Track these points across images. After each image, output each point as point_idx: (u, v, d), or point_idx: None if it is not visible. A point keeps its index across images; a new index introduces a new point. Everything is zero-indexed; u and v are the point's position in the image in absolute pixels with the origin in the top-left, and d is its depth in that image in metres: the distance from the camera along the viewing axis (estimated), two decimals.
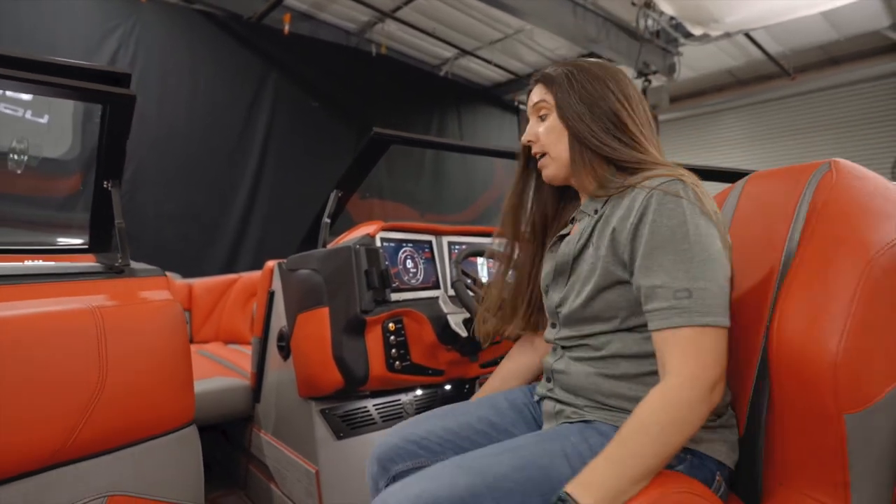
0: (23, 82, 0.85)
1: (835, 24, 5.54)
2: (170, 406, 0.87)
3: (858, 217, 0.70)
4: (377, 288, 1.31)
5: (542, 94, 0.90)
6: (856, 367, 0.64)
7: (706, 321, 0.68)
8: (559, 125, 0.87)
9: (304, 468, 1.49)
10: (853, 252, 0.67)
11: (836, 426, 0.65)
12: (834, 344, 0.65)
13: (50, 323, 0.76)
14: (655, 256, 0.72)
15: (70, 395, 0.76)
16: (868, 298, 0.65)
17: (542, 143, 0.89)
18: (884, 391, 0.64)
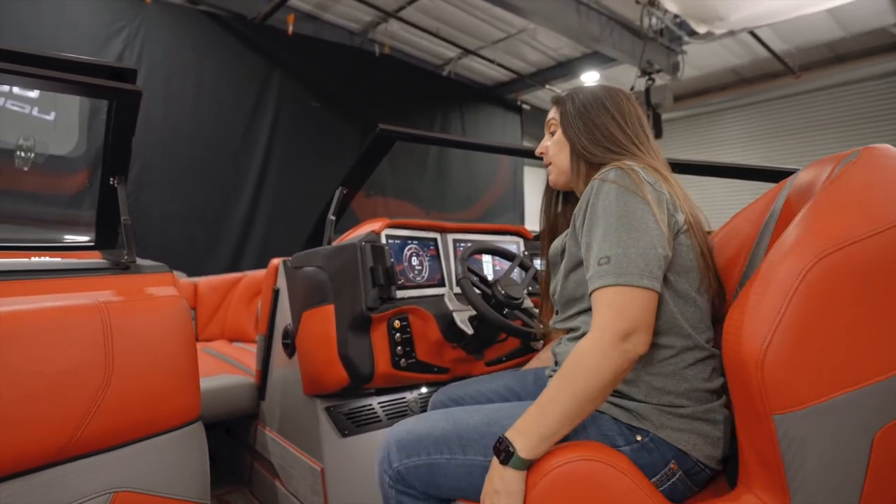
0: (29, 77, 0.85)
1: (841, 21, 5.50)
2: (176, 402, 0.87)
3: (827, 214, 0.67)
4: (382, 285, 1.31)
5: (553, 113, 1.05)
6: (782, 367, 0.63)
7: (619, 281, 0.76)
8: (563, 139, 1.02)
9: (309, 466, 1.49)
10: (801, 252, 0.65)
11: (767, 426, 0.65)
12: (759, 343, 0.64)
13: (55, 318, 0.76)
14: (590, 232, 0.84)
15: (75, 391, 0.75)
16: (802, 301, 0.63)
17: (550, 154, 1.05)
18: (821, 397, 0.62)
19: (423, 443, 0.87)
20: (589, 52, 6.08)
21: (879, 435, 0.62)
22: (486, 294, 1.32)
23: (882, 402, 0.61)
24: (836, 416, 0.62)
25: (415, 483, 0.87)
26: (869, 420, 0.62)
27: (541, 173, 8.46)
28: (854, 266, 0.63)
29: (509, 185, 7.05)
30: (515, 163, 7.11)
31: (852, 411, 0.62)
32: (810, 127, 6.73)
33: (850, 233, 0.63)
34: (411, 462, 0.86)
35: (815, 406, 0.62)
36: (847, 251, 0.62)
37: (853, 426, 0.62)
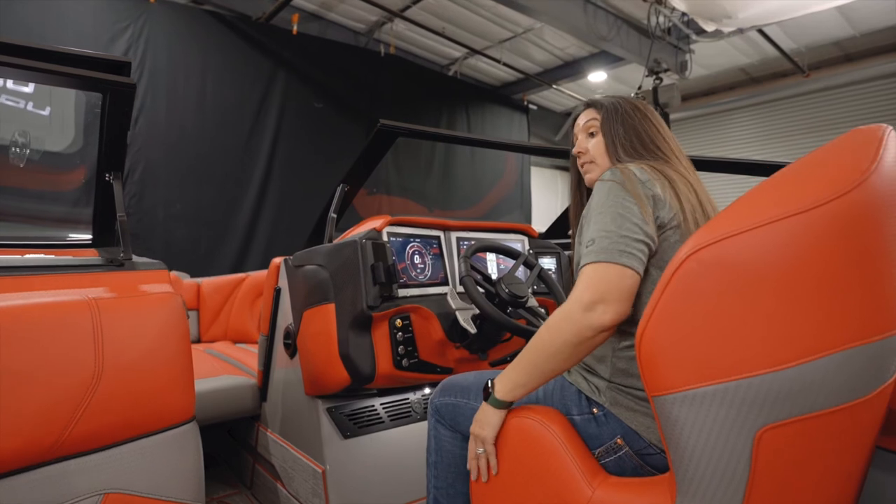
0: (20, 69, 0.83)
1: (850, 19, 5.43)
2: (169, 401, 0.85)
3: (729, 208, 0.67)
4: (384, 283, 1.28)
5: (593, 114, 1.12)
6: (655, 352, 0.68)
7: (599, 258, 0.83)
8: (602, 140, 1.09)
9: (310, 468, 1.47)
10: (686, 244, 0.67)
11: (652, 406, 0.70)
12: (640, 328, 0.69)
13: (43, 314, 0.74)
14: (587, 226, 0.90)
15: (64, 390, 0.73)
16: (673, 290, 0.66)
17: (591, 154, 1.10)
18: (690, 384, 0.64)
19: (455, 388, 1.10)
20: (596, 52, 6.04)
21: (761, 434, 0.62)
22: (490, 293, 1.29)
23: (761, 401, 0.61)
24: (708, 405, 0.64)
25: (445, 416, 1.10)
26: (746, 417, 0.62)
27: (547, 174, 8.46)
28: (722, 260, 0.63)
29: (515, 184, 7.01)
30: (522, 162, 7.07)
31: (725, 404, 0.63)
32: (820, 126, 6.64)
33: (726, 228, 0.64)
34: (444, 400, 1.10)
35: (686, 391, 0.64)
36: (718, 245, 0.63)
37: (730, 420, 0.63)
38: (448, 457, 1.10)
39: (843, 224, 0.60)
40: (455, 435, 1.10)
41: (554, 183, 8.65)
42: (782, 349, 0.61)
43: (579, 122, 1.14)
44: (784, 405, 0.61)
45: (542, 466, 0.88)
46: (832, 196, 0.60)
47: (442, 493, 1.10)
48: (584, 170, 1.13)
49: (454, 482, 1.10)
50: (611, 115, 1.09)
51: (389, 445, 1.51)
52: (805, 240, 0.60)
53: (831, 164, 0.64)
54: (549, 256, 1.74)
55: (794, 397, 0.60)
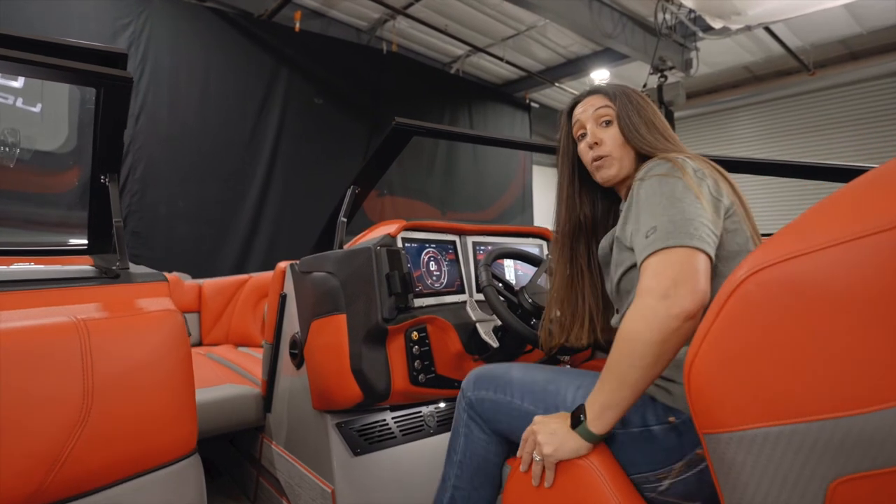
0: (6, 61, 0.74)
1: (857, 16, 5.36)
2: (169, 434, 0.76)
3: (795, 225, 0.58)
4: (399, 294, 1.19)
5: (605, 101, 1.02)
6: (703, 383, 0.60)
7: (666, 244, 0.75)
8: (620, 133, 0.99)
9: (319, 487, 1.39)
10: (742, 264, 0.58)
11: (703, 443, 0.62)
12: (690, 358, 0.61)
13: (22, 341, 0.65)
14: (637, 218, 0.84)
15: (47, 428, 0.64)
16: (728, 316, 0.58)
17: (609, 146, 1.00)
18: (749, 423, 0.56)
19: (494, 382, 0.99)
20: (599, 49, 5.96)
21: (835, 486, 0.52)
22: (513, 303, 1.21)
23: (836, 447, 0.51)
24: (771, 449, 0.55)
25: (481, 413, 0.99)
26: (818, 465, 0.52)
27: (549, 172, 8.41)
28: (789, 283, 0.54)
29: (526, 185, 6.96)
30: (529, 163, 7.02)
31: (792, 449, 0.53)
32: (825, 125, 6.58)
33: (793, 246, 0.54)
34: (480, 394, 0.99)
35: (745, 431, 0.56)
36: (784, 266, 0.54)
37: (797, 468, 0.54)
38: (477, 460, 1.00)
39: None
40: (490, 438, 0.99)
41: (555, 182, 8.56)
42: (866, 389, 0.51)
43: (585, 111, 1.03)
44: (865, 455, 0.51)
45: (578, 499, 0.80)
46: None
47: (462, 494, 1.00)
48: (596, 165, 1.01)
49: (479, 487, 0.99)
50: (626, 103, 1.00)
51: (402, 462, 1.43)
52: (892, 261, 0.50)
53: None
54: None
55: (878, 446, 0.50)
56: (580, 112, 1.04)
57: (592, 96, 1.04)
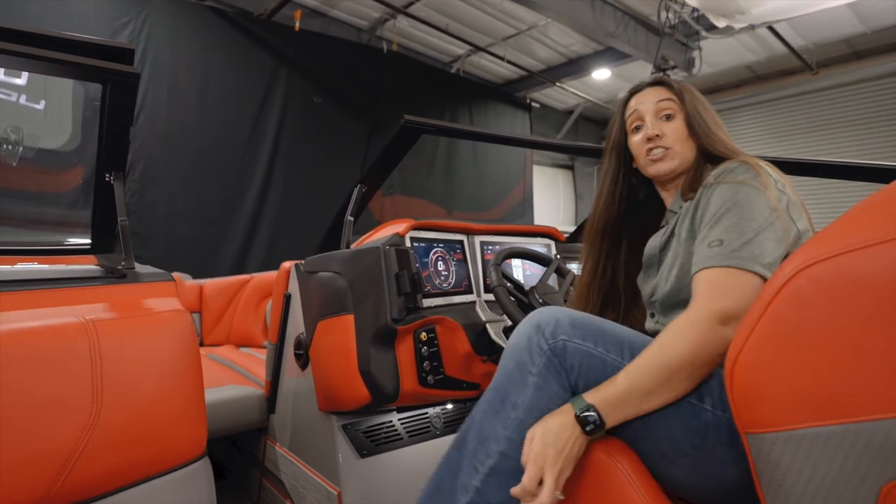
0: (10, 56, 0.72)
1: (861, 15, 5.35)
2: (179, 437, 0.74)
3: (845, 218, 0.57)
4: (408, 294, 1.18)
5: (667, 94, 0.98)
6: (748, 381, 0.58)
7: (729, 263, 0.72)
8: (685, 128, 0.96)
9: (324, 489, 1.37)
10: (791, 259, 0.56)
11: (744, 442, 0.61)
12: (732, 354, 0.59)
13: (32, 341, 0.63)
14: (709, 222, 0.80)
15: (57, 430, 0.62)
16: (777, 312, 0.56)
17: (671, 139, 0.96)
18: (797, 423, 0.54)
19: (604, 336, 0.77)
20: (601, 49, 5.94)
21: (888, 489, 0.50)
22: (523, 303, 1.19)
23: (891, 448, 0.49)
24: (820, 450, 0.53)
25: (574, 366, 0.75)
26: (870, 467, 0.50)
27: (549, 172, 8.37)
28: (844, 278, 0.52)
29: (528, 186, 6.96)
30: (531, 163, 7.02)
31: (843, 450, 0.51)
32: (828, 125, 6.56)
33: (848, 239, 0.53)
34: (584, 346, 0.76)
35: (792, 431, 0.54)
36: (838, 260, 0.52)
37: (848, 470, 0.52)
38: None
39: None
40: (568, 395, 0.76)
41: (555, 182, 8.55)
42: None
43: (644, 101, 0.99)
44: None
45: None
46: None
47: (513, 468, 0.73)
48: (652, 156, 0.96)
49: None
50: (693, 99, 0.97)
51: (409, 464, 1.41)
52: None
53: None
54: (578, 261, 1.64)
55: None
56: (638, 102, 1.00)
57: (654, 88, 1.00)
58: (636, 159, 1.02)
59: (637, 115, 0.99)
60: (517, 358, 0.78)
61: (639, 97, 1.01)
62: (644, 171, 1.01)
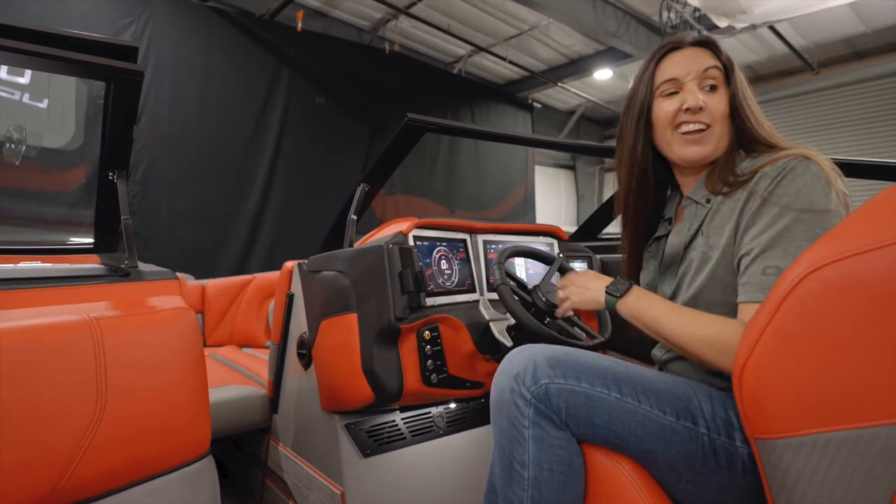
0: (14, 53, 0.72)
1: (862, 15, 5.34)
2: (183, 435, 0.74)
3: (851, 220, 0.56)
4: (412, 292, 1.17)
5: (715, 61, 0.84)
6: (757, 386, 0.57)
7: None
8: (727, 106, 0.82)
9: (328, 488, 1.37)
10: (799, 261, 0.55)
11: (754, 448, 0.60)
12: (741, 360, 0.58)
13: (36, 338, 0.63)
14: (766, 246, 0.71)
15: (61, 428, 0.62)
16: (786, 315, 0.54)
17: (711, 115, 0.82)
18: (808, 429, 0.53)
19: (585, 371, 0.75)
20: (603, 49, 5.94)
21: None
22: (526, 301, 1.19)
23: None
24: (832, 455, 0.52)
25: (561, 407, 0.74)
26: (884, 472, 0.50)
27: (550, 172, 8.38)
28: (856, 280, 0.51)
29: (530, 186, 6.96)
30: (533, 164, 7.03)
31: (856, 455, 0.51)
32: (829, 125, 6.55)
33: (860, 240, 0.52)
34: (566, 385, 0.74)
35: (803, 437, 0.54)
36: (850, 262, 0.51)
37: (860, 475, 0.51)
38: (562, 467, 0.74)
39: None
40: (569, 434, 0.75)
41: (557, 182, 8.55)
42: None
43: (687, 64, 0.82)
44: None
45: None
46: None
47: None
48: (686, 131, 0.82)
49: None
50: (737, 70, 0.83)
51: (412, 463, 1.41)
52: None
53: None
54: (581, 261, 1.64)
55: None
56: (678, 65, 0.83)
57: (699, 49, 0.84)
58: (659, 132, 0.86)
59: (675, 81, 0.83)
60: (507, 414, 0.77)
61: (678, 57, 0.84)
62: (668, 150, 0.86)
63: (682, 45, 0.86)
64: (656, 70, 0.86)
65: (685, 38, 0.87)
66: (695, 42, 0.85)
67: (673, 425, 0.72)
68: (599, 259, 1.68)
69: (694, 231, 0.84)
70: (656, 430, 0.72)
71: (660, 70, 0.86)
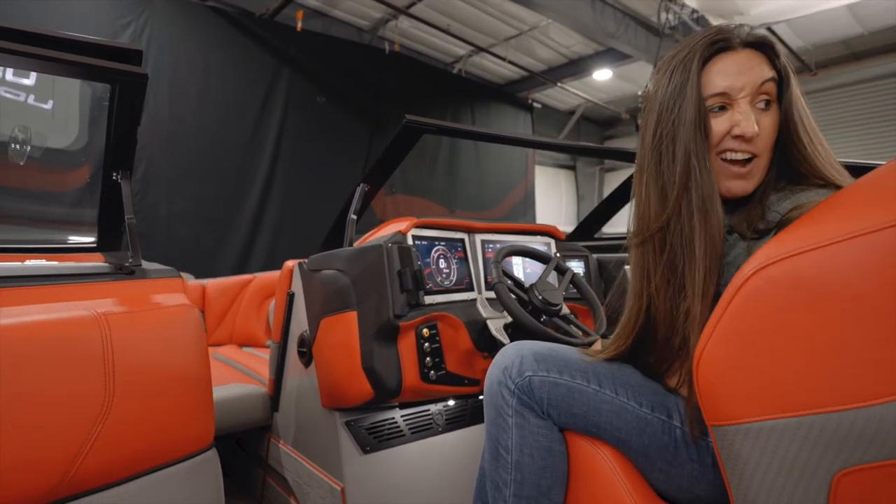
0: (22, 57, 0.74)
1: (859, 17, 5.36)
2: (187, 428, 0.76)
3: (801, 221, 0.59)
4: (411, 290, 1.19)
5: (771, 71, 0.67)
6: (711, 376, 0.61)
7: None
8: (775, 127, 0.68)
9: (328, 485, 1.38)
10: (749, 260, 0.58)
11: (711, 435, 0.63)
12: (700, 350, 0.62)
13: (46, 333, 0.65)
14: None
15: (70, 420, 0.64)
16: (735, 311, 0.58)
17: (763, 145, 0.68)
18: (756, 416, 0.57)
19: (569, 365, 0.80)
20: (602, 49, 5.96)
21: (839, 478, 0.53)
22: (523, 300, 1.21)
23: (841, 440, 0.52)
24: (777, 441, 0.56)
25: (543, 398, 0.79)
26: (822, 457, 0.54)
27: (550, 172, 8.41)
28: (796, 278, 0.54)
29: (530, 186, 6.99)
30: (533, 163, 7.05)
31: (797, 441, 0.54)
32: (828, 125, 6.57)
33: (802, 241, 0.55)
34: (549, 377, 0.79)
35: (751, 424, 0.57)
36: (792, 261, 0.55)
37: (802, 460, 0.55)
38: (542, 453, 0.78)
39: None
40: (550, 423, 0.79)
41: (557, 182, 8.57)
42: (869, 382, 0.52)
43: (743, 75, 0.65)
44: (869, 447, 0.52)
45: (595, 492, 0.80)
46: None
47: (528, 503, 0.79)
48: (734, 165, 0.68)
49: (549, 491, 0.79)
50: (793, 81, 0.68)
51: (411, 460, 1.43)
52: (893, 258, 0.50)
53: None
54: (577, 260, 1.66)
55: (882, 438, 0.51)
56: (732, 75, 0.67)
57: (753, 52, 0.67)
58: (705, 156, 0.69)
59: (727, 95, 0.67)
60: (494, 404, 0.83)
61: (730, 62, 0.67)
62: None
63: (733, 44, 0.68)
64: (702, 75, 0.69)
65: (736, 35, 0.69)
66: (749, 42, 0.68)
67: (648, 417, 0.76)
68: (596, 258, 1.70)
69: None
70: (631, 420, 0.76)
71: (707, 77, 0.69)
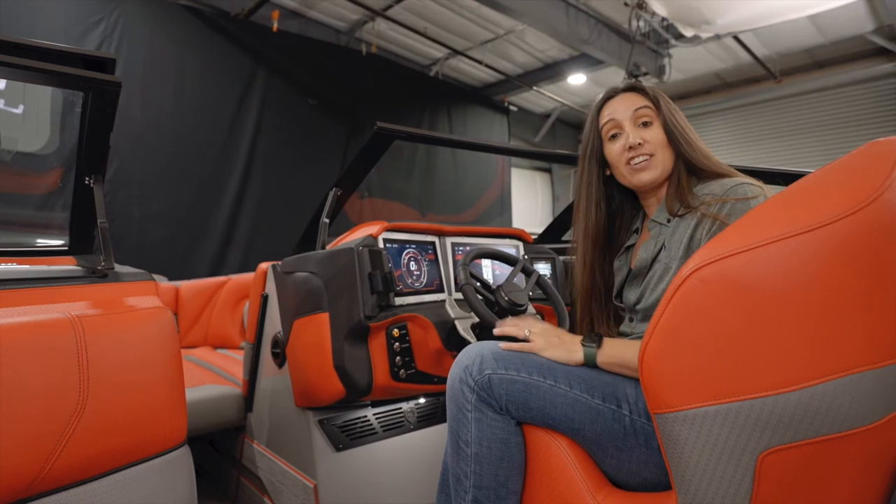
0: None
1: (821, 27, 5.59)
2: (160, 425, 0.79)
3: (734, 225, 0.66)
4: (381, 292, 1.23)
5: (644, 101, 0.99)
6: (654, 368, 0.67)
7: None
8: (664, 135, 0.97)
9: (301, 482, 1.41)
10: (689, 261, 0.66)
11: (654, 422, 0.69)
12: (644, 343, 0.68)
13: (21, 335, 0.67)
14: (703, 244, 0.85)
15: (46, 418, 0.66)
16: (674, 309, 0.65)
17: (652, 146, 0.97)
18: (691, 404, 0.64)
19: (525, 364, 0.88)
20: (576, 54, 6.08)
21: (763, 457, 0.61)
22: (490, 300, 1.25)
23: (763, 423, 0.60)
24: (710, 426, 0.63)
25: (501, 395, 0.86)
26: (749, 439, 0.61)
27: (527, 175, 8.48)
28: (725, 278, 0.62)
29: (505, 187, 7.04)
30: (508, 165, 7.11)
31: (727, 425, 0.62)
32: (792, 130, 6.83)
33: (731, 244, 0.63)
34: (507, 375, 0.86)
35: (688, 411, 0.64)
36: (722, 263, 0.62)
37: (731, 442, 0.62)
38: (499, 445, 0.85)
39: (853, 243, 0.58)
40: (507, 417, 0.87)
41: (533, 184, 8.69)
42: (785, 372, 0.59)
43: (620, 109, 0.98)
44: (788, 429, 0.59)
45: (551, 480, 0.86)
46: (842, 214, 0.58)
47: (487, 494, 0.86)
48: (637, 166, 0.97)
49: (507, 480, 0.86)
50: (668, 105, 0.97)
51: (383, 457, 1.47)
52: (812, 259, 0.59)
53: (844, 180, 0.63)
54: (545, 262, 1.71)
55: (798, 421, 0.59)
56: (614, 109, 1.00)
57: (629, 94, 1.00)
58: (614, 168, 1.02)
59: (614, 122, 0.99)
60: (456, 400, 0.90)
61: (614, 103, 1.01)
62: (625, 180, 1.01)
63: (616, 93, 1.03)
64: (599, 116, 1.03)
65: (617, 87, 1.04)
66: (625, 88, 1.02)
67: (599, 407, 0.84)
68: (562, 260, 1.76)
69: (659, 247, 0.96)
70: (584, 410, 0.84)
71: (602, 117, 1.03)
